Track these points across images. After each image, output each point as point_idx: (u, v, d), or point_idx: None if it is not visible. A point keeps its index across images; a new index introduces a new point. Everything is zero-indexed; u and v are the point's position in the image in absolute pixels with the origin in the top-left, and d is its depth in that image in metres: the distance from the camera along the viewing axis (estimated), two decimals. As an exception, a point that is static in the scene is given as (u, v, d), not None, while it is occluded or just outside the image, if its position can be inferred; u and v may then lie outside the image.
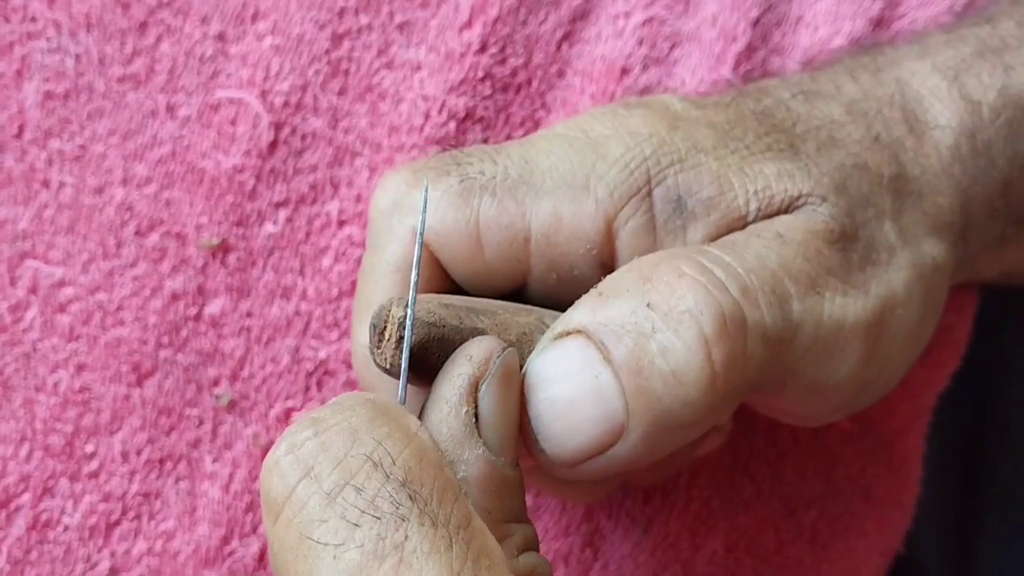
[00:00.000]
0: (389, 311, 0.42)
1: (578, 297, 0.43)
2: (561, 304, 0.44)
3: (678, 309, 0.40)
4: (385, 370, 0.43)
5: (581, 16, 0.56)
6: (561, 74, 0.56)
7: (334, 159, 0.55)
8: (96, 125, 0.55)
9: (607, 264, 0.45)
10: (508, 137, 0.56)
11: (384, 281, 0.46)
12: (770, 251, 0.42)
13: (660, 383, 0.40)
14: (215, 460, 0.54)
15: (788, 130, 0.46)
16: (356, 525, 0.36)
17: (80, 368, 0.54)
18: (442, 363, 0.41)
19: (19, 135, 0.55)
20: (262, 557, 0.54)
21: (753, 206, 0.44)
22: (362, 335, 0.46)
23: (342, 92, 0.55)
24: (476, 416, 0.39)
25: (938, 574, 0.67)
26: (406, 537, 0.35)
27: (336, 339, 0.54)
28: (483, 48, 0.55)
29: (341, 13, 0.55)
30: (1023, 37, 0.51)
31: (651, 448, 0.41)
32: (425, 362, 0.42)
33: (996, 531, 0.66)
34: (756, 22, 0.56)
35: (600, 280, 0.43)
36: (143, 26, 0.55)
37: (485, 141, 0.55)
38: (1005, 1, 0.53)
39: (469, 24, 0.55)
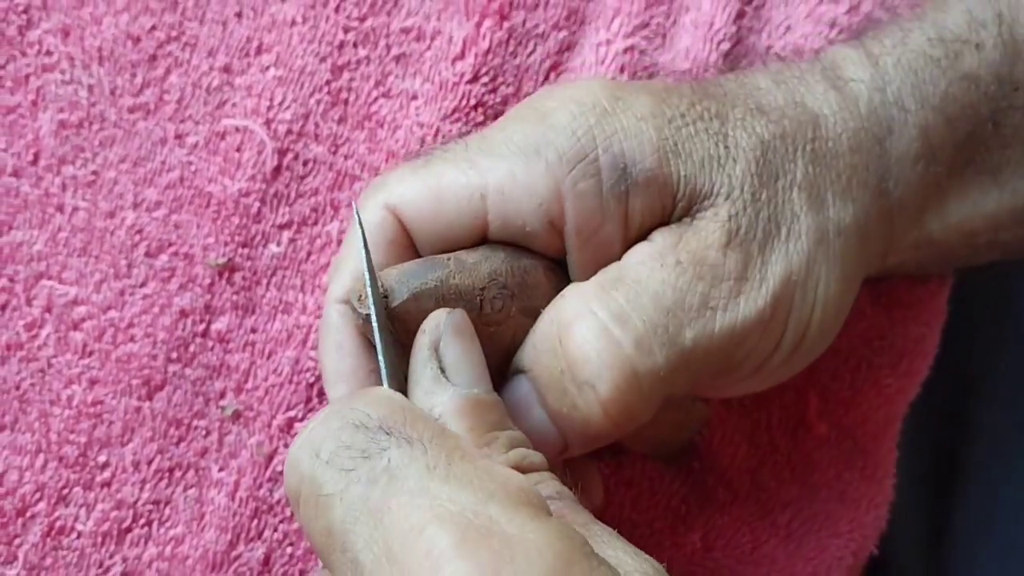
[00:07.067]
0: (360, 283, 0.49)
1: (534, 248, 0.51)
2: None
3: (579, 379, 0.49)
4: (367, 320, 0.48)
5: (567, 48, 0.60)
6: (549, 101, 0.59)
7: (334, 183, 0.58)
8: (108, 152, 0.58)
9: (556, 223, 0.50)
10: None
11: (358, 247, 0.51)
12: (666, 286, 0.49)
13: (577, 426, 0.50)
14: (221, 469, 0.57)
15: (719, 98, 0.52)
16: (352, 470, 0.42)
17: (93, 383, 0.56)
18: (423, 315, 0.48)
19: (35, 162, 0.57)
20: (267, 561, 0.56)
21: (681, 187, 0.50)
22: (334, 290, 0.51)
23: (342, 120, 0.59)
24: (443, 368, 0.47)
25: (916, 575, 0.70)
26: (389, 460, 0.42)
27: (338, 351, 0.57)
28: (475, 78, 0.59)
29: (341, 46, 0.59)
30: (915, 10, 0.56)
31: (592, 447, 0.50)
32: (409, 320, 0.49)
33: (968, 535, 0.69)
34: (727, 55, 0.60)
35: (548, 234, 0.50)
36: (153, 59, 0.58)
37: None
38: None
39: (462, 55, 0.59)
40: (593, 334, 0.49)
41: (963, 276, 0.63)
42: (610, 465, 0.59)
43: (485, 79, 0.59)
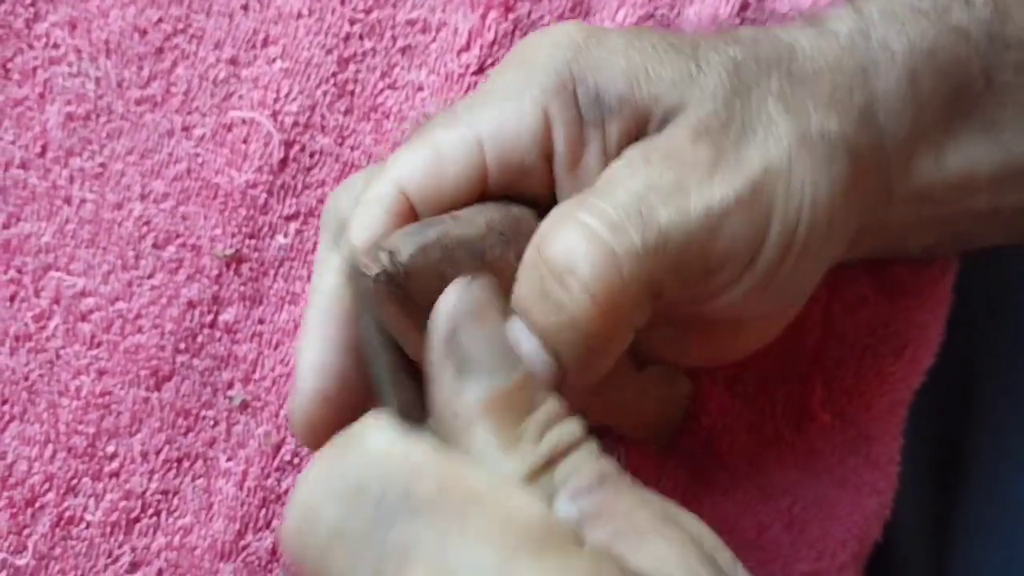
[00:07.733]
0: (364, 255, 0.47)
1: (531, 190, 0.51)
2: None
3: (558, 271, 0.47)
4: (385, 275, 0.47)
5: (572, 38, 0.60)
6: (554, 91, 0.60)
7: (341, 174, 0.59)
8: (115, 144, 0.58)
9: (548, 155, 0.50)
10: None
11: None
12: (636, 179, 0.49)
13: (567, 333, 0.47)
14: (229, 459, 0.57)
15: (690, 36, 0.52)
16: (357, 551, 0.39)
17: (101, 373, 0.57)
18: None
19: (42, 154, 0.58)
20: (275, 551, 0.56)
21: (654, 108, 0.50)
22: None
23: (348, 112, 0.59)
24: (463, 361, 0.43)
25: (919, 564, 0.70)
26: (397, 534, 0.39)
27: (345, 341, 0.57)
28: (480, 69, 0.59)
29: (347, 38, 0.59)
30: None
31: (591, 364, 0.48)
32: (419, 276, 0.47)
33: (972, 525, 0.69)
34: (734, 45, 0.60)
35: (543, 169, 0.50)
36: (159, 51, 0.59)
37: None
38: None
39: (467, 47, 0.59)
40: (567, 230, 0.48)
41: (965, 265, 0.63)
42: (611, 456, 0.59)
43: (490, 70, 0.59)
